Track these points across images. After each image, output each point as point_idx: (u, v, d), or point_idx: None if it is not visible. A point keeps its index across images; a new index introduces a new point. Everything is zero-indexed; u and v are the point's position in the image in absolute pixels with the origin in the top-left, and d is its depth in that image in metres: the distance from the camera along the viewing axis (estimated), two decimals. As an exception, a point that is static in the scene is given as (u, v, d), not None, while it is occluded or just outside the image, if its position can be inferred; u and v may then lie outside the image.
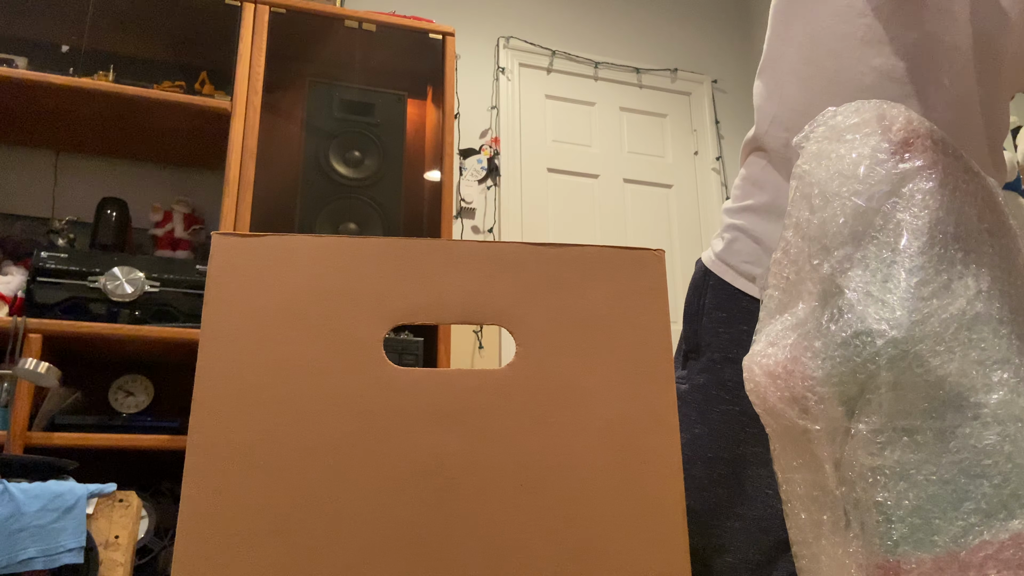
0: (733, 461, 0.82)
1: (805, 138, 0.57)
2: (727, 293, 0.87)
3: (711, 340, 0.86)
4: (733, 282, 0.87)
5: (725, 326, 0.86)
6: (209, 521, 0.38)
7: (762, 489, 0.81)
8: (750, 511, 0.81)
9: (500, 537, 0.40)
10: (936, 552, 0.46)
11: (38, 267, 1.81)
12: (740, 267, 0.88)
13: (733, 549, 0.81)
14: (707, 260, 0.92)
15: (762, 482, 0.81)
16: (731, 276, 0.88)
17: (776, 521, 0.79)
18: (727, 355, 0.85)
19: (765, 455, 0.81)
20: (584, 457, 0.42)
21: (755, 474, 0.81)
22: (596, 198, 3.16)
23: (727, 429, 0.83)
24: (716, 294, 0.88)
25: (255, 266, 0.42)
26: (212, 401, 0.39)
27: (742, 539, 0.80)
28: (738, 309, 0.86)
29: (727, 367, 0.84)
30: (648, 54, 3.42)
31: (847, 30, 0.79)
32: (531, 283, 0.44)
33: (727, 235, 0.90)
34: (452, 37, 2.35)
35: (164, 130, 2.19)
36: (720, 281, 0.89)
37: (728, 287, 0.88)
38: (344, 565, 0.39)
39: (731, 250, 0.89)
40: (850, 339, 0.49)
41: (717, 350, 0.85)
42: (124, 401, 2.03)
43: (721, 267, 0.89)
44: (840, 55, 0.79)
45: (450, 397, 0.42)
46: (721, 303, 0.87)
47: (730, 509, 0.81)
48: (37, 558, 1.30)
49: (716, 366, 0.85)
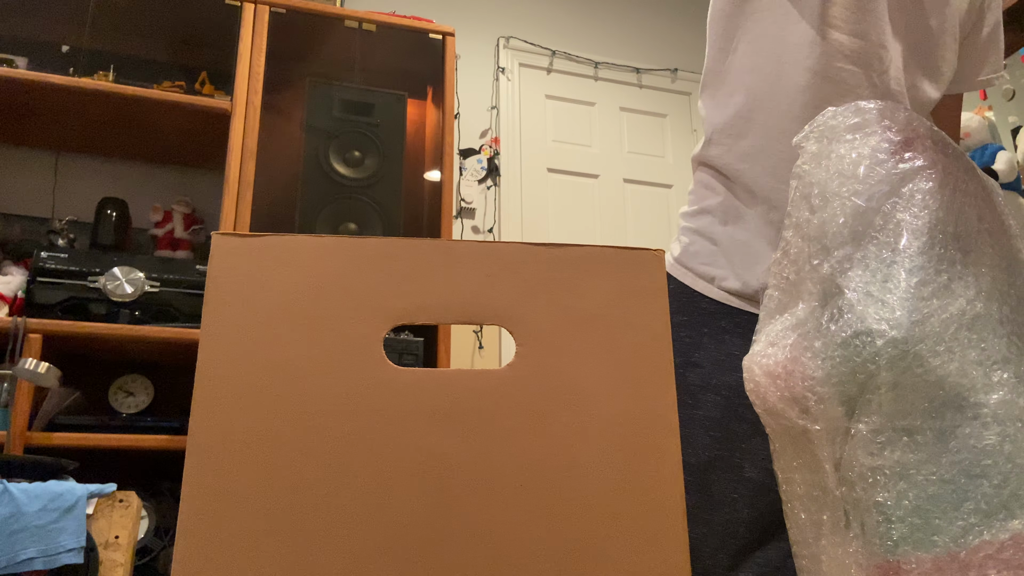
0: (700, 467, 0.83)
1: (805, 138, 0.57)
2: (686, 296, 0.89)
3: (673, 344, 0.87)
4: (692, 284, 0.89)
5: (687, 329, 0.87)
6: (209, 521, 0.38)
7: (728, 494, 0.81)
8: (717, 516, 0.81)
9: (500, 537, 0.40)
10: (936, 552, 0.46)
11: (38, 267, 1.81)
12: (698, 269, 0.90)
13: (703, 556, 0.81)
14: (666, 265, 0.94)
15: (728, 487, 0.81)
16: (690, 279, 0.90)
17: (741, 527, 0.80)
18: (689, 359, 0.86)
19: (730, 459, 0.82)
20: (584, 457, 0.42)
21: (721, 479, 0.82)
22: (596, 198, 3.16)
23: (693, 435, 0.84)
24: (676, 298, 0.90)
25: (255, 266, 0.42)
26: (212, 401, 0.39)
27: (711, 545, 0.81)
28: (698, 312, 0.87)
29: (689, 371, 0.85)
30: (648, 54, 3.42)
31: (784, 36, 0.84)
32: (531, 283, 0.44)
33: (684, 238, 0.93)
34: (452, 37, 2.35)
35: (164, 130, 2.19)
36: (680, 285, 0.90)
37: (687, 290, 0.89)
38: (344, 565, 0.39)
39: (688, 252, 0.91)
40: (850, 339, 0.49)
41: (679, 354, 0.87)
42: (124, 401, 2.03)
43: (679, 270, 0.91)
44: (780, 59, 0.84)
45: (450, 397, 0.42)
46: (681, 307, 0.89)
47: (699, 515, 0.82)
48: (37, 558, 1.30)
49: (679, 371, 0.86)
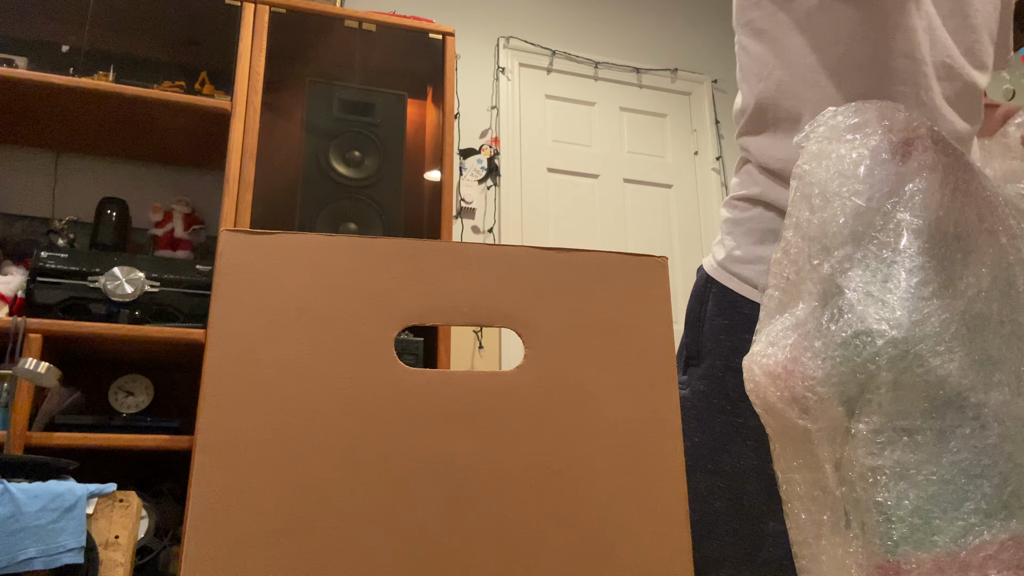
0: (733, 474, 0.82)
1: (805, 138, 0.57)
2: (728, 300, 0.87)
3: (712, 347, 0.86)
4: (736, 288, 0.86)
5: (727, 334, 0.85)
6: (219, 520, 0.38)
7: (758, 506, 0.81)
8: (744, 527, 0.81)
9: (509, 537, 0.41)
10: (936, 552, 0.46)
11: (38, 267, 1.81)
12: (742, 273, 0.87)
13: (728, 564, 0.81)
14: (708, 267, 0.91)
15: (759, 499, 0.81)
16: (734, 283, 0.87)
17: (767, 539, 0.80)
18: (728, 364, 0.84)
19: (764, 470, 0.81)
20: (590, 459, 0.43)
21: (753, 489, 0.81)
22: (596, 198, 3.16)
23: (728, 441, 0.83)
24: (717, 301, 0.88)
25: (264, 264, 0.42)
26: (221, 399, 0.39)
27: (737, 554, 0.81)
28: (740, 316, 0.85)
29: (729, 376, 0.84)
30: (648, 54, 3.42)
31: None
32: (539, 287, 0.45)
33: (728, 241, 0.89)
34: (452, 37, 2.35)
35: (164, 130, 2.19)
36: (722, 288, 0.88)
37: (730, 293, 0.87)
38: (354, 565, 0.39)
39: (732, 256, 0.88)
40: (850, 339, 0.49)
41: (719, 357, 0.85)
42: (124, 401, 2.03)
43: (723, 274, 0.88)
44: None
45: (460, 398, 0.42)
46: (723, 310, 0.87)
47: (727, 524, 0.81)
48: (37, 558, 1.30)
49: (718, 374, 0.85)
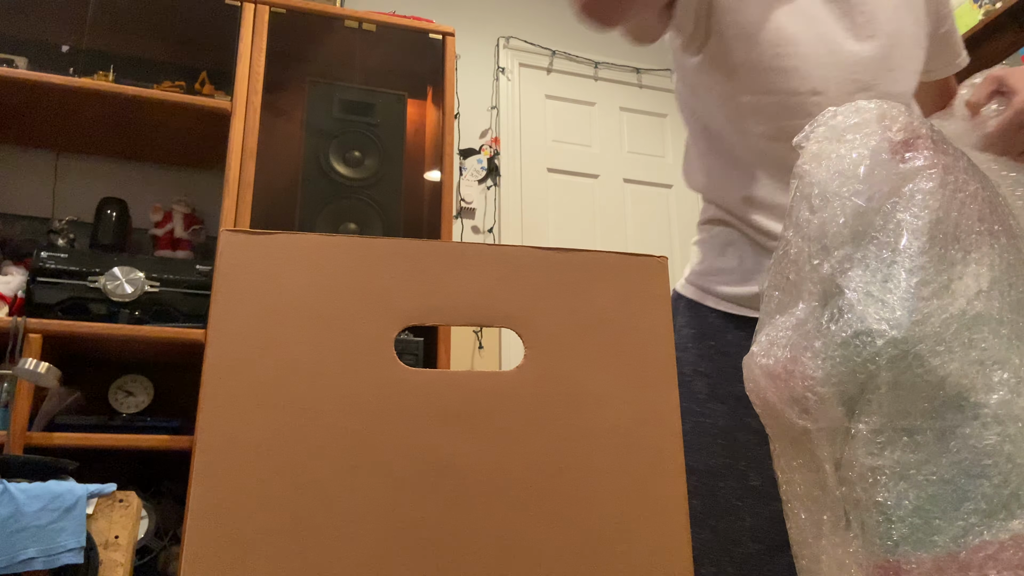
0: (706, 473, 0.86)
1: (805, 138, 0.57)
2: (694, 311, 0.94)
3: (681, 355, 0.92)
4: (701, 300, 0.94)
5: (694, 341, 0.92)
6: (219, 520, 0.38)
7: (733, 501, 0.84)
8: (721, 523, 0.84)
9: (508, 537, 0.41)
10: (936, 552, 0.46)
11: (38, 267, 1.81)
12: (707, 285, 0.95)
13: (708, 560, 0.84)
14: (678, 285, 1.00)
15: (733, 494, 0.84)
16: (699, 295, 0.95)
17: (745, 535, 0.83)
18: (696, 368, 0.90)
19: (735, 466, 0.85)
20: (590, 459, 0.43)
21: (726, 486, 0.85)
22: (596, 198, 3.16)
23: (699, 441, 0.87)
24: (684, 313, 0.96)
25: (265, 264, 0.42)
26: (221, 399, 0.39)
27: (716, 551, 0.84)
28: (705, 324, 0.92)
29: (697, 379, 0.89)
30: (648, 54, 3.42)
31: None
32: (539, 287, 0.45)
33: (694, 259, 0.99)
34: (452, 37, 2.35)
35: (164, 130, 2.19)
36: (688, 301, 0.96)
37: (695, 305, 0.94)
38: (354, 565, 0.39)
39: (695, 271, 0.97)
40: (850, 339, 0.49)
41: (687, 364, 0.91)
42: (124, 401, 2.03)
43: (690, 288, 0.96)
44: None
45: (460, 398, 0.42)
46: (689, 320, 0.94)
47: (704, 521, 0.84)
48: (37, 558, 1.30)
49: (687, 379, 0.90)
